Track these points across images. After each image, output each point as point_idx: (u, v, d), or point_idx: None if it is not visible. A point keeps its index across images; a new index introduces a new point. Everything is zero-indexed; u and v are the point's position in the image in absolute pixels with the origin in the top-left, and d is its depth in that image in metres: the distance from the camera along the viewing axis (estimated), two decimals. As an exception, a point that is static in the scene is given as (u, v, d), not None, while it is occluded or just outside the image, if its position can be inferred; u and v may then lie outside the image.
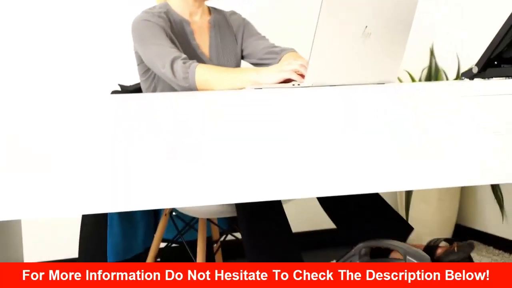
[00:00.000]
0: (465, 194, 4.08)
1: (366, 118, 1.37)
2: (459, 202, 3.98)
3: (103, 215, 2.82)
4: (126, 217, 2.86)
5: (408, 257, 2.00)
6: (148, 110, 1.31)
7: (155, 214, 3.07)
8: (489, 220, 3.93)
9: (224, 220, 3.23)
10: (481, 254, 3.74)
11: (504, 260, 3.57)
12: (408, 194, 3.60)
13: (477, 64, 1.83)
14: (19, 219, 1.18)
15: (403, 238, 2.38)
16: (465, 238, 3.94)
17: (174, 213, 2.87)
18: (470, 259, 2.16)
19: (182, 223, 2.93)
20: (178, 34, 2.67)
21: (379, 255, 2.19)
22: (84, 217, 2.83)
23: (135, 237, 2.92)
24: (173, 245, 3.33)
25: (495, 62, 1.81)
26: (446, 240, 2.22)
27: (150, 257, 2.89)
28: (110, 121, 1.28)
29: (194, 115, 1.31)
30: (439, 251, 2.15)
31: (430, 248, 2.15)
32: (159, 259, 2.92)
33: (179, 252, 3.50)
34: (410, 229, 2.46)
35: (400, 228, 2.46)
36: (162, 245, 2.98)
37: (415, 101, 1.40)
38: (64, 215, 1.25)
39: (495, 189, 3.73)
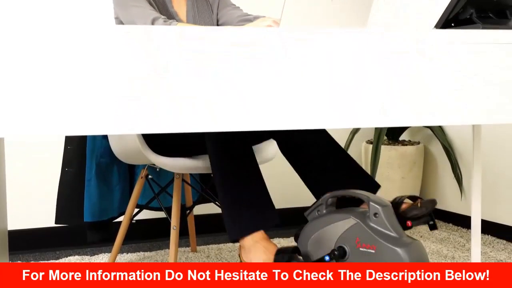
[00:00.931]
0: (426, 174, 4.10)
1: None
2: (421, 182, 3.99)
3: (80, 176, 2.85)
4: (103, 179, 2.90)
5: (371, 202, 2.00)
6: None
7: (130, 180, 3.09)
8: (449, 198, 3.94)
9: (197, 186, 3.25)
10: (441, 230, 3.75)
11: (462, 234, 3.57)
12: (373, 172, 3.57)
13: (435, 26, 1.84)
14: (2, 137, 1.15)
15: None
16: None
17: (150, 176, 2.90)
18: (431, 216, 2.19)
19: (157, 187, 2.95)
20: (157, 0, 2.64)
21: (346, 205, 2.23)
22: (62, 176, 2.87)
23: (111, 200, 2.95)
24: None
25: (452, 24, 1.80)
26: (410, 197, 2.23)
27: (125, 218, 2.92)
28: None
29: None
30: (403, 206, 2.17)
31: (396, 205, 2.16)
32: (134, 221, 2.94)
33: (153, 216, 3.52)
34: (377, 186, 2.50)
35: (368, 185, 2.48)
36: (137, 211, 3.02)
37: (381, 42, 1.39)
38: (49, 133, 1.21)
39: (455, 168, 3.74)
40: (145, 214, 3.55)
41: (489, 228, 3.48)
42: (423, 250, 1.98)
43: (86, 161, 2.85)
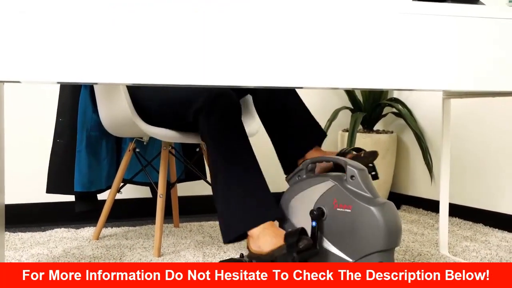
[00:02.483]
0: (399, 161, 4.09)
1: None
2: (394, 169, 3.99)
3: (71, 148, 2.85)
4: (92, 152, 2.90)
5: (348, 166, 2.07)
6: None
7: (117, 156, 3.09)
8: (420, 184, 3.92)
9: (180, 165, 3.25)
10: (411, 214, 3.73)
11: (432, 217, 3.55)
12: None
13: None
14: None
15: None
16: (398, 203, 3.92)
17: (137, 150, 2.90)
18: (374, 167, 2.33)
19: (144, 161, 2.96)
20: None
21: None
22: (54, 147, 2.87)
23: (100, 172, 2.97)
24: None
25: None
26: (354, 149, 2.37)
27: (113, 189, 2.93)
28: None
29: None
30: (348, 156, 2.28)
31: (341, 155, 2.30)
32: (121, 192, 2.95)
33: (137, 195, 3.50)
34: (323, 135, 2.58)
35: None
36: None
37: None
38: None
39: (425, 154, 3.71)
40: (129, 194, 3.50)
41: (456, 211, 3.47)
42: (395, 210, 2.05)
43: (77, 133, 2.84)
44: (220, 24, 1.25)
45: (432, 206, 3.69)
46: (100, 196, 3.01)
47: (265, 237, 2.12)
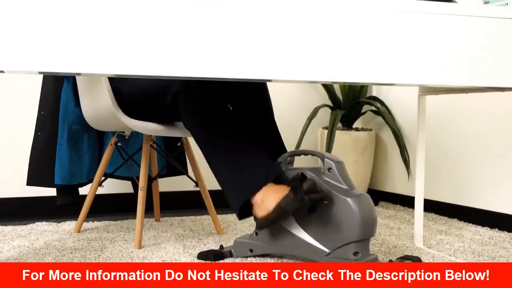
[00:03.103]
0: (377, 158, 4.09)
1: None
2: (372, 166, 4.01)
3: (52, 141, 2.82)
4: (74, 145, 2.87)
5: (325, 159, 2.11)
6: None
7: (99, 150, 3.05)
8: (397, 181, 3.92)
9: (161, 160, 3.22)
10: (389, 209, 3.74)
11: (409, 214, 3.55)
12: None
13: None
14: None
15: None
16: (376, 200, 3.94)
17: (119, 144, 2.85)
18: None
19: (126, 155, 2.91)
20: None
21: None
22: (35, 140, 2.84)
23: (80, 166, 2.93)
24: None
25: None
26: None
27: (94, 182, 2.89)
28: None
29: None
30: None
31: None
32: (102, 186, 2.90)
33: (118, 190, 3.51)
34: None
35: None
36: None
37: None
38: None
39: (403, 151, 3.71)
40: (111, 189, 3.45)
41: (432, 206, 3.49)
42: (370, 201, 2.09)
43: (58, 127, 2.81)
44: (218, 21, 1.25)
45: (409, 202, 3.67)
46: (82, 191, 2.96)
47: (268, 196, 2.05)
